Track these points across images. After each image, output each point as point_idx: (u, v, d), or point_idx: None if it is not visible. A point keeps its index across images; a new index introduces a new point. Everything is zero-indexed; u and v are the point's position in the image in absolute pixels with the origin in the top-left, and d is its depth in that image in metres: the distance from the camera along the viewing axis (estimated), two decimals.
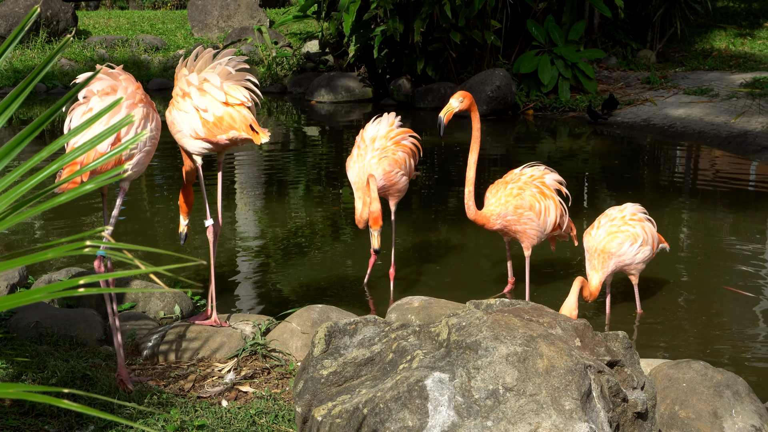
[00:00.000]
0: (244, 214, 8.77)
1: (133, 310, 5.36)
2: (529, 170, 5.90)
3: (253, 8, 21.01)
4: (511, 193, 5.70)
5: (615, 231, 5.82)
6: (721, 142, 11.93)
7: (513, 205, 5.68)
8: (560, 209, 5.86)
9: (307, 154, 12.19)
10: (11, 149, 2.33)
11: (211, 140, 4.67)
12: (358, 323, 3.64)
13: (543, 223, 5.77)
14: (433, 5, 13.96)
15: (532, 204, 5.70)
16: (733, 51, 17.43)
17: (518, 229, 5.76)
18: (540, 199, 5.72)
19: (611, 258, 5.78)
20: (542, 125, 14.17)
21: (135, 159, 4.27)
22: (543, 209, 5.72)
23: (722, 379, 4.02)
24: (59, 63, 17.28)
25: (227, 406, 4.17)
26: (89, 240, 1.99)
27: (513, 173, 5.90)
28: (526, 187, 5.73)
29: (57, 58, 2.37)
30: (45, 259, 2.00)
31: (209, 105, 4.62)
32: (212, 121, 4.61)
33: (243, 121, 4.63)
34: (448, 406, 3.06)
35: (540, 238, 5.85)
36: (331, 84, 16.05)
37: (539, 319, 3.41)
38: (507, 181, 5.82)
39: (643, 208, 6.05)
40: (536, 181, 5.79)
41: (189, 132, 4.68)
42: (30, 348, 4.60)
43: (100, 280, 2.78)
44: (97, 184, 2.21)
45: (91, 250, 1.99)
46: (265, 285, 6.56)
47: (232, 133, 4.63)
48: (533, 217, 5.72)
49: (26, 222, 7.93)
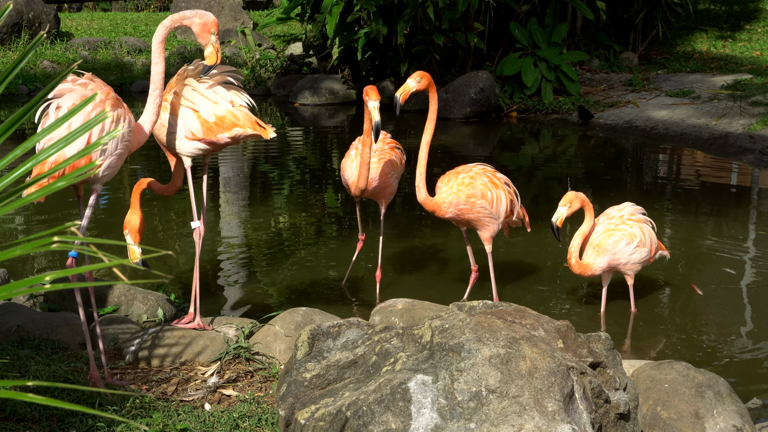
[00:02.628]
0: (227, 217, 8.76)
1: (116, 313, 5.34)
2: (480, 165, 5.94)
3: (237, 10, 20.98)
4: (462, 182, 5.73)
5: (612, 229, 5.87)
6: (702, 143, 11.99)
7: (465, 194, 5.70)
8: (510, 197, 5.90)
9: (290, 157, 12.17)
10: None
11: (209, 140, 4.76)
12: (341, 326, 3.63)
13: (496, 212, 5.80)
14: (416, 7, 13.97)
15: (483, 192, 5.73)
16: (715, 53, 17.52)
17: (472, 218, 5.78)
18: (491, 188, 5.76)
19: (605, 254, 5.83)
20: (526, 127, 14.20)
21: (107, 162, 4.29)
22: (494, 198, 5.76)
23: (704, 380, 4.03)
24: (41, 65, 17.20)
25: (210, 409, 4.16)
26: (57, 236, 1.98)
27: (464, 166, 5.93)
28: (477, 177, 5.76)
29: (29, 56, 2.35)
30: (13, 255, 1.98)
31: (211, 107, 4.75)
32: (213, 121, 4.72)
33: (247, 118, 4.79)
34: (431, 408, 3.07)
35: (496, 226, 5.87)
36: (314, 86, 16.04)
37: (522, 321, 3.42)
38: (458, 171, 5.85)
39: (642, 209, 6.08)
40: (487, 173, 5.83)
41: (185, 133, 4.77)
42: (11, 352, 4.57)
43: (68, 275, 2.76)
44: (68, 181, 2.20)
45: (60, 246, 1.98)
46: (249, 288, 6.55)
47: (236, 131, 4.76)
48: (486, 206, 5.75)
49: (5, 227, 7.90)
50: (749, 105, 13.01)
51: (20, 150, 2.35)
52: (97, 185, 4.37)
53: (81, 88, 4.28)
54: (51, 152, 2.33)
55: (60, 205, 8.33)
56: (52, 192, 2.18)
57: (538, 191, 10.37)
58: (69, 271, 1.99)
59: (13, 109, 14.91)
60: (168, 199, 9.11)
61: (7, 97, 15.55)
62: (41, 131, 2.50)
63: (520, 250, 7.48)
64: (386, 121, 14.20)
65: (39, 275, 1.94)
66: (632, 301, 6.07)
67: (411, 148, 6.55)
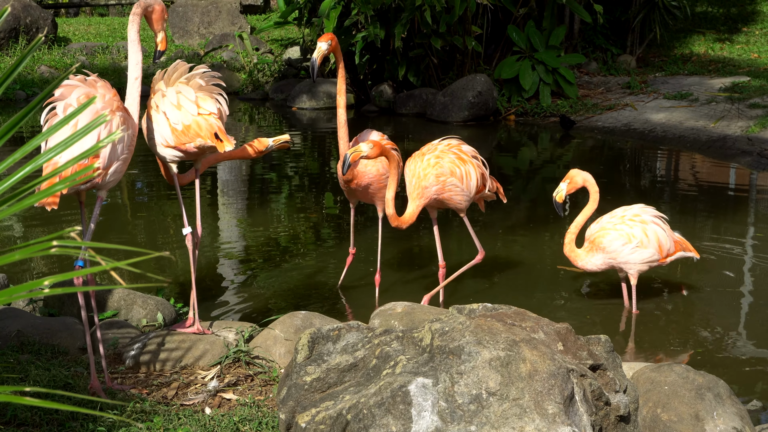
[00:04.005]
0: (225, 222, 8.76)
1: (116, 318, 5.34)
2: (445, 141, 5.94)
3: (234, 15, 20.98)
4: (429, 163, 5.74)
5: (609, 228, 5.90)
6: (701, 146, 12.00)
7: (433, 174, 5.72)
8: (481, 170, 5.91)
9: (288, 161, 12.18)
10: None
11: (180, 148, 4.72)
12: (341, 329, 3.64)
13: (467, 188, 5.82)
14: (414, 11, 13.98)
15: (452, 170, 5.74)
16: (712, 56, 17.53)
17: (444, 197, 5.81)
18: (459, 164, 5.77)
19: (599, 252, 5.86)
20: (524, 130, 14.21)
21: (112, 167, 4.30)
22: (464, 174, 5.77)
23: (703, 382, 4.04)
24: (39, 70, 17.19)
25: (211, 413, 4.17)
26: (56, 241, 1.99)
27: (430, 144, 5.93)
28: (443, 155, 5.77)
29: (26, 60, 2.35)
30: (13, 260, 1.99)
31: (179, 115, 4.68)
32: (180, 129, 4.67)
33: (209, 129, 4.68)
34: (431, 411, 3.07)
35: (468, 201, 5.90)
36: (312, 90, 16.04)
37: (522, 324, 3.42)
38: (424, 152, 5.86)
39: (655, 210, 6.09)
40: (453, 149, 5.84)
41: (160, 140, 4.74)
42: (11, 357, 4.57)
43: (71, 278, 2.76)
44: (70, 183, 2.20)
45: (59, 251, 1.98)
46: (248, 292, 6.56)
47: (199, 141, 4.69)
48: (456, 183, 5.77)
49: (8, 232, 7.90)
50: (747, 107, 13.03)
51: (20, 153, 2.36)
52: (102, 192, 4.38)
53: (88, 87, 4.29)
54: (58, 150, 2.34)
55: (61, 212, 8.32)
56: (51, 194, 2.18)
57: (536, 194, 10.39)
58: (68, 274, 1.99)
59: (11, 114, 14.90)
60: (167, 203, 9.12)
61: (4, 102, 15.55)
62: (48, 129, 2.49)
63: (519, 252, 7.49)
64: (383, 125, 14.21)
65: (38, 279, 1.95)
66: (633, 302, 6.08)
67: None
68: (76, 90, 4.25)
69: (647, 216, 6.01)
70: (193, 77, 4.78)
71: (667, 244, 6.00)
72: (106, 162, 4.28)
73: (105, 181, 4.32)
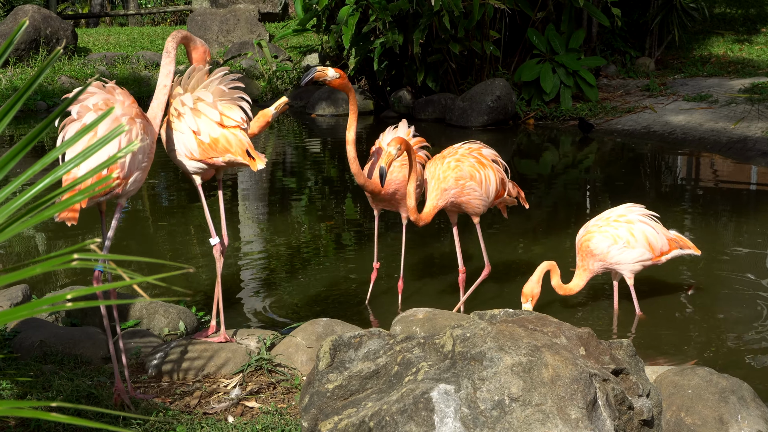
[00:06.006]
0: (245, 229, 8.78)
1: (138, 327, 5.36)
2: (466, 145, 5.95)
3: (253, 23, 21.06)
4: (449, 167, 5.75)
5: (595, 231, 5.89)
6: (721, 148, 11.94)
7: (453, 177, 5.73)
8: (501, 175, 5.92)
9: (308, 168, 12.20)
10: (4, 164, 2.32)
11: (207, 161, 4.66)
12: (362, 336, 3.64)
13: (485, 192, 5.83)
14: (432, 17, 14.00)
15: (472, 174, 5.75)
16: (731, 57, 17.46)
17: (463, 201, 5.82)
18: (479, 168, 5.78)
19: (592, 257, 5.86)
20: (543, 134, 14.19)
21: (133, 176, 4.28)
22: (483, 178, 5.79)
23: (727, 385, 4.02)
24: (60, 81, 17.31)
25: (233, 422, 4.17)
26: (77, 253, 1.99)
27: (451, 147, 5.95)
28: (464, 159, 5.79)
29: (46, 71, 2.37)
30: (34, 273, 1.99)
31: (205, 126, 4.60)
32: (208, 142, 4.58)
33: (239, 146, 4.62)
34: (454, 417, 3.07)
35: (485, 206, 5.94)
36: (331, 97, 16.08)
37: (543, 329, 3.42)
38: (444, 155, 5.87)
39: (643, 209, 6.05)
40: (473, 152, 5.85)
41: (185, 152, 4.65)
42: (34, 367, 4.60)
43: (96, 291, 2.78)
44: (90, 193, 2.21)
45: (79, 264, 1.99)
46: (270, 299, 6.56)
47: (228, 157, 4.61)
48: (475, 187, 5.78)
49: (29, 242, 7.95)
50: (767, 108, 12.96)
51: (39, 165, 2.37)
52: (122, 199, 4.37)
53: (106, 93, 4.27)
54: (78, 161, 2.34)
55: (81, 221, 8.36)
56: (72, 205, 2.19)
57: (557, 198, 10.36)
58: (91, 289, 2.00)
59: (32, 125, 15.01)
60: (187, 213, 9.15)
61: (25, 113, 15.65)
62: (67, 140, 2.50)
63: (540, 256, 7.47)
64: None
65: (61, 293, 1.96)
66: (636, 304, 6.05)
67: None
68: (94, 96, 4.23)
69: (634, 216, 5.97)
70: (213, 82, 4.68)
71: (659, 243, 5.95)
72: (126, 171, 4.23)
73: (125, 190, 4.29)
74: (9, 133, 14.10)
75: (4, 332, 5.03)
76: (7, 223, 2.19)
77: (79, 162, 2.37)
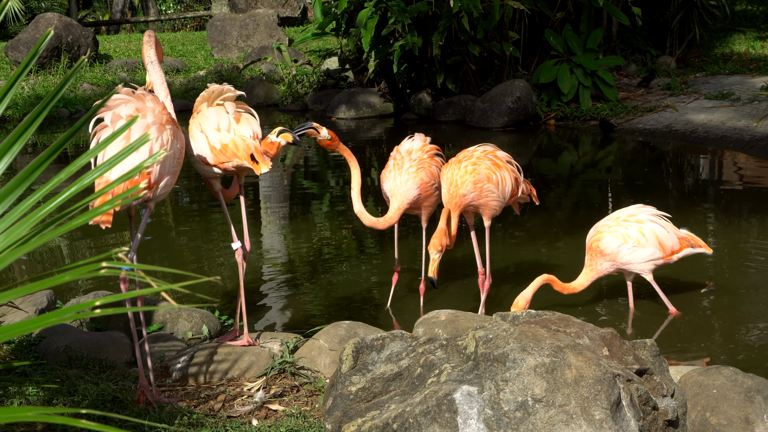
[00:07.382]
0: (268, 233, 8.80)
1: (162, 331, 5.39)
2: (481, 148, 5.98)
3: (272, 27, 21.11)
4: (466, 170, 5.78)
5: (605, 231, 5.88)
6: (744, 146, 11.88)
7: (471, 181, 5.75)
8: (515, 175, 5.96)
9: (329, 171, 12.22)
10: (30, 173, 2.34)
11: (219, 166, 4.85)
12: (385, 338, 3.65)
13: (502, 193, 5.87)
14: (451, 18, 14.00)
15: (489, 176, 5.78)
16: (753, 54, 17.36)
17: (480, 203, 5.85)
18: (495, 170, 5.81)
19: (602, 257, 5.85)
20: (564, 135, 14.15)
21: (163, 181, 4.35)
22: (500, 179, 5.82)
23: (753, 384, 4.00)
24: (81, 88, 17.42)
25: (257, 425, 4.19)
26: (106, 262, 2.01)
27: (466, 151, 5.97)
28: (480, 162, 5.81)
29: (70, 81, 2.39)
30: (63, 281, 2.01)
31: (217, 134, 4.81)
32: (219, 148, 4.79)
33: (245, 150, 4.80)
34: (477, 419, 3.07)
35: (502, 206, 6.01)
36: (351, 100, 16.10)
37: (566, 330, 3.41)
38: (460, 159, 5.89)
39: (653, 209, 6.04)
40: (488, 155, 5.87)
41: (201, 158, 4.85)
42: (60, 372, 4.63)
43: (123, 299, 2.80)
44: (123, 200, 2.23)
45: (108, 272, 2.00)
46: (292, 303, 6.58)
47: (236, 161, 4.81)
48: (493, 189, 5.80)
49: (54, 245, 8.00)
50: None
51: (65, 174, 2.39)
52: (151, 203, 4.45)
53: (137, 100, 4.34)
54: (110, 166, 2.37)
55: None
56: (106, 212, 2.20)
57: (577, 198, 10.34)
58: (120, 296, 2.01)
59: (56, 132, 15.12)
60: (210, 216, 9.19)
61: (48, 120, 15.76)
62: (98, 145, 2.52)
63: (561, 256, 7.45)
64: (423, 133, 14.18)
65: (87, 300, 1.97)
66: (666, 301, 6.03)
67: None
68: (127, 105, 4.29)
69: (644, 215, 5.96)
70: (228, 100, 4.94)
71: (670, 242, 5.93)
72: (156, 176, 4.33)
73: (156, 195, 4.38)
74: (32, 141, 14.20)
75: (29, 337, 5.07)
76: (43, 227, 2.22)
77: (111, 166, 2.40)
